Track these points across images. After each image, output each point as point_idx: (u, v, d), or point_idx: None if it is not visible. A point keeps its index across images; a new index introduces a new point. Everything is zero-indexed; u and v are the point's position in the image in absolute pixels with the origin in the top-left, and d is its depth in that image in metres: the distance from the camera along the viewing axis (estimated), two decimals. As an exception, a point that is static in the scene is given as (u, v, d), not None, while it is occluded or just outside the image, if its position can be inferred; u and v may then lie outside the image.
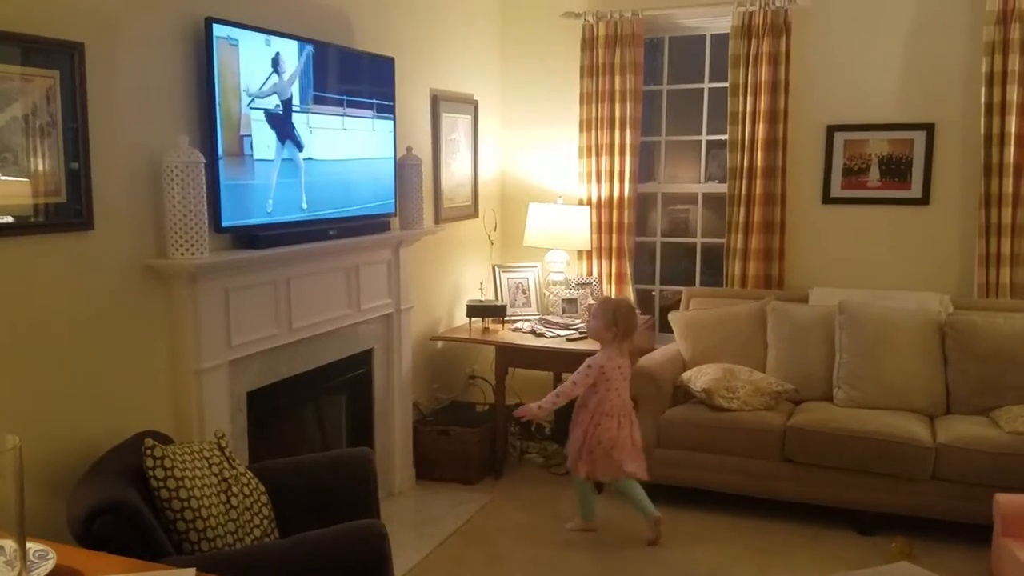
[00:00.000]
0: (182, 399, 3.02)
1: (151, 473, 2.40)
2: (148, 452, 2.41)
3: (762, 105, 4.74)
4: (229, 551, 2.38)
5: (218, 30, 3.00)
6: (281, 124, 3.33)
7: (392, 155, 4.08)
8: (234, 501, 2.58)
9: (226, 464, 2.65)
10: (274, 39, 3.25)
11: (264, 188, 3.28)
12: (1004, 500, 3.40)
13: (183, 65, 3.00)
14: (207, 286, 3.02)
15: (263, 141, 3.25)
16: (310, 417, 3.99)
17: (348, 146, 3.76)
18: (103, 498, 2.21)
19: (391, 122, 4.05)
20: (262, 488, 2.73)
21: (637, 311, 3.94)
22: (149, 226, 2.90)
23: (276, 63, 3.29)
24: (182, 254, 2.86)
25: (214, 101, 3.02)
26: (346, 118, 3.74)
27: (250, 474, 2.73)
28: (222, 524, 2.50)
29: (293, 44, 3.38)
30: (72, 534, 2.22)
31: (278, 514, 2.76)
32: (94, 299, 2.73)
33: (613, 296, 4.94)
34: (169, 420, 2.99)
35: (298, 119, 3.42)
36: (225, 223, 3.08)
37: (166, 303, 2.97)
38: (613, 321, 3.83)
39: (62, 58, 2.57)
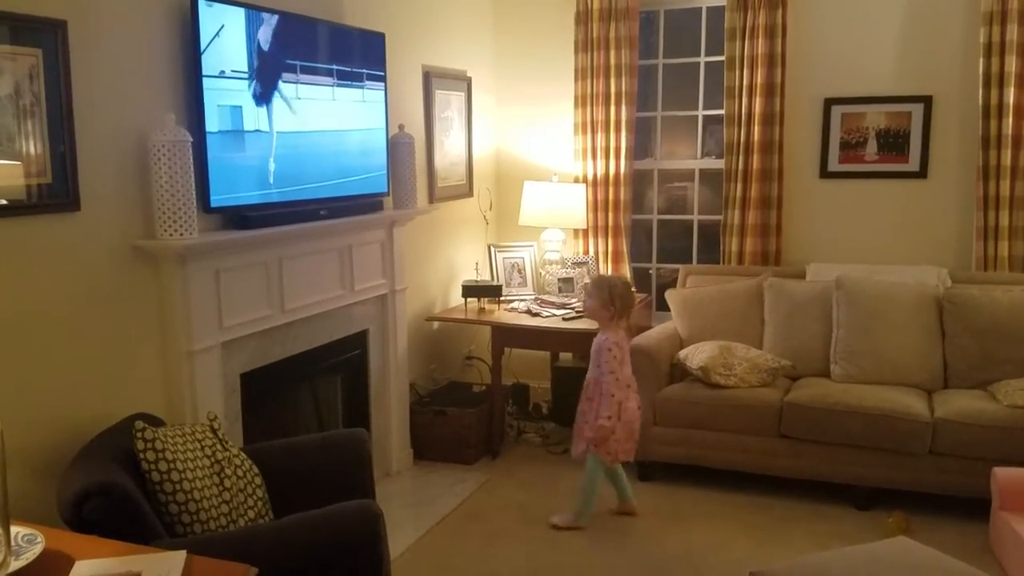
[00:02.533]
0: (174, 381, 2.99)
1: (142, 456, 2.38)
2: (139, 434, 2.39)
3: (759, 79, 4.69)
4: (222, 533, 2.37)
5: (203, 6, 2.95)
6: (263, 97, 3.28)
7: (384, 130, 4.03)
8: (227, 483, 2.56)
9: (219, 446, 2.63)
10: (245, 11, 3.17)
11: (252, 166, 3.24)
12: (1002, 474, 3.40)
13: (168, 42, 2.95)
14: (197, 267, 2.98)
15: (247, 115, 3.20)
16: (305, 398, 3.97)
17: (334, 119, 3.70)
18: (93, 481, 2.19)
19: (379, 93, 3.99)
20: (256, 470, 2.71)
21: (633, 288, 3.85)
22: (137, 206, 2.86)
23: (250, 36, 3.23)
24: (170, 235, 2.82)
25: (200, 78, 2.97)
26: (333, 89, 3.69)
27: (243, 456, 2.71)
28: (215, 506, 2.48)
29: (270, 17, 3.32)
30: (62, 518, 2.20)
31: (272, 496, 2.75)
32: (82, 281, 2.69)
33: (608, 274, 4.89)
34: (161, 402, 2.97)
35: (280, 92, 3.37)
36: (214, 203, 3.05)
37: (156, 284, 2.93)
38: (610, 300, 3.75)
39: (44, 36, 2.52)
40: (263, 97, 3.27)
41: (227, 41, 3.07)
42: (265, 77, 3.27)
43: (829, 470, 3.94)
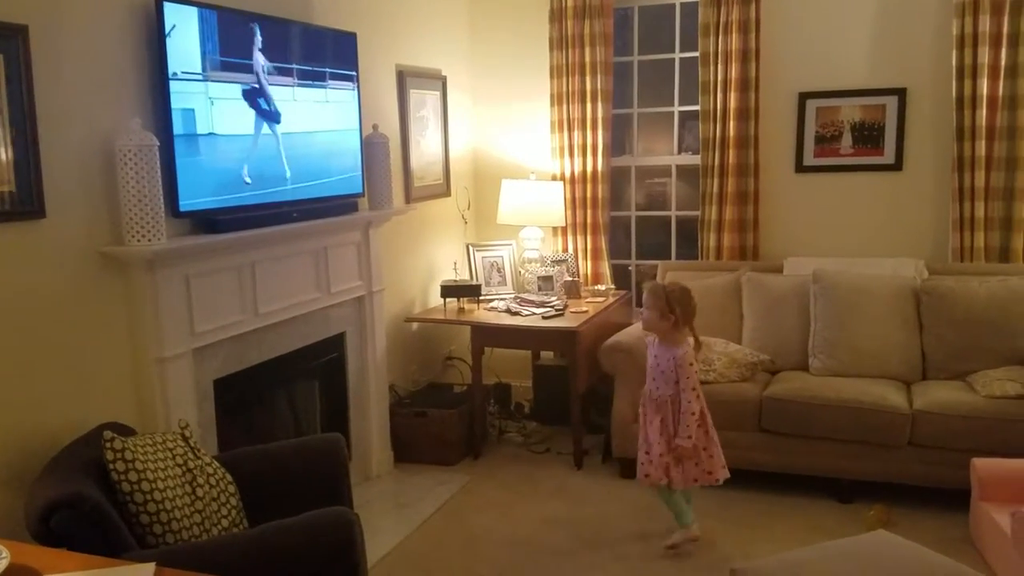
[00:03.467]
0: (145, 389, 2.95)
1: (112, 466, 2.34)
2: (108, 445, 2.35)
3: (733, 74, 4.68)
4: (192, 543, 2.33)
5: (168, 8, 2.91)
6: (233, 99, 3.24)
7: (357, 131, 4.00)
8: (200, 492, 2.53)
9: (191, 454, 2.60)
10: (211, 12, 3.14)
11: (222, 169, 3.20)
12: (981, 464, 3.41)
13: (133, 45, 2.91)
14: (166, 273, 2.94)
15: (216, 118, 3.16)
16: (283, 403, 3.93)
17: (306, 121, 3.66)
18: (61, 493, 2.15)
19: (352, 93, 3.96)
20: (229, 478, 2.68)
21: (692, 292, 3.56)
22: (104, 212, 2.82)
23: (220, 37, 3.19)
24: (138, 240, 2.78)
25: (166, 81, 2.93)
26: (304, 90, 3.65)
27: (216, 464, 2.67)
28: (187, 516, 2.44)
29: (237, 17, 3.28)
30: (30, 532, 2.16)
31: (247, 504, 2.71)
32: (49, 288, 2.65)
33: (662, 283, 4.50)
34: (132, 411, 2.93)
35: (249, 94, 3.32)
36: (183, 207, 3.00)
37: (124, 291, 2.89)
38: (668, 307, 3.46)
39: (5, 42, 2.47)
40: (233, 99, 3.22)
41: (191, 43, 3.03)
42: (233, 79, 3.22)
43: (809, 464, 3.94)
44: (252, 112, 3.31)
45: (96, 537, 2.15)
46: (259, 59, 3.32)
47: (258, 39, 3.31)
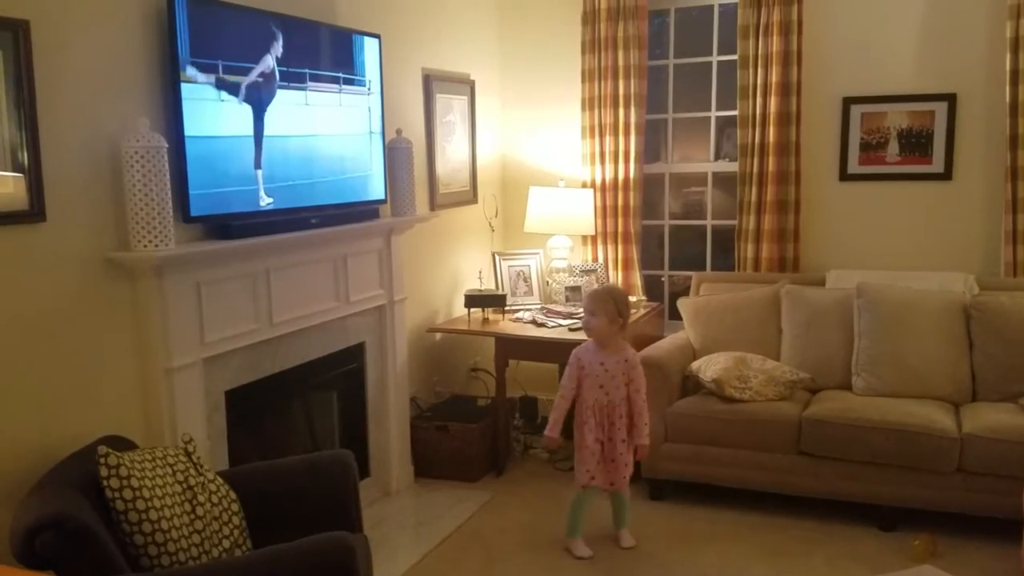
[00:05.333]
0: (152, 400, 2.84)
1: (106, 483, 2.22)
2: (102, 461, 2.23)
3: (774, 77, 4.49)
4: (180, 569, 2.20)
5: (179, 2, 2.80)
6: (248, 101, 3.12)
7: (380, 135, 3.87)
8: (200, 511, 2.40)
9: (192, 470, 2.47)
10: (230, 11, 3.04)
11: (236, 173, 3.08)
12: (1036, 494, 3.19)
13: (142, 40, 2.80)
14: (175, 279, 2.83)
15: (230, 119, 3.04)
16: (299, 416, 3.81)
17: (325, 124, 3.53)
18: (46, 512, 2.03)
19: (375, 96, 3.84)
20: (233, 495, 2.55)
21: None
22: (109, 217, 2.71)
23: (235, 35, 3.09)
24: (145, 246, 2.67)
25: (178, 80, 2.82)
26: (323, 94, 3.53)
27: (220, 480, 2.55)
28: (185, 536, 2.32)
29: (258, 17, 3.18)
30: (14, 554, 2.04)
31: (252, 523, 2.59)
32: (50, 295, 2.54)
33: (602, 284, 4.51)
34: (138, 423, 2.81)
35: (268, 96, 3.21)
36: (194, 211, 2.89)
37: (131, 298, 2.78)
38: (616, 312, 3.48)
39: (4, 37, 2.38)
40: (248, 100, 3.11)
41: (198, 39, 2.92)
42: (252, 79, 3.11)
43: (851, 489, 3.73)
44: (263, 114, 3.19)
45: (84, 560, 2.03)
46: (269, 59, 3.20)
47: (271, 38, 3.19)
